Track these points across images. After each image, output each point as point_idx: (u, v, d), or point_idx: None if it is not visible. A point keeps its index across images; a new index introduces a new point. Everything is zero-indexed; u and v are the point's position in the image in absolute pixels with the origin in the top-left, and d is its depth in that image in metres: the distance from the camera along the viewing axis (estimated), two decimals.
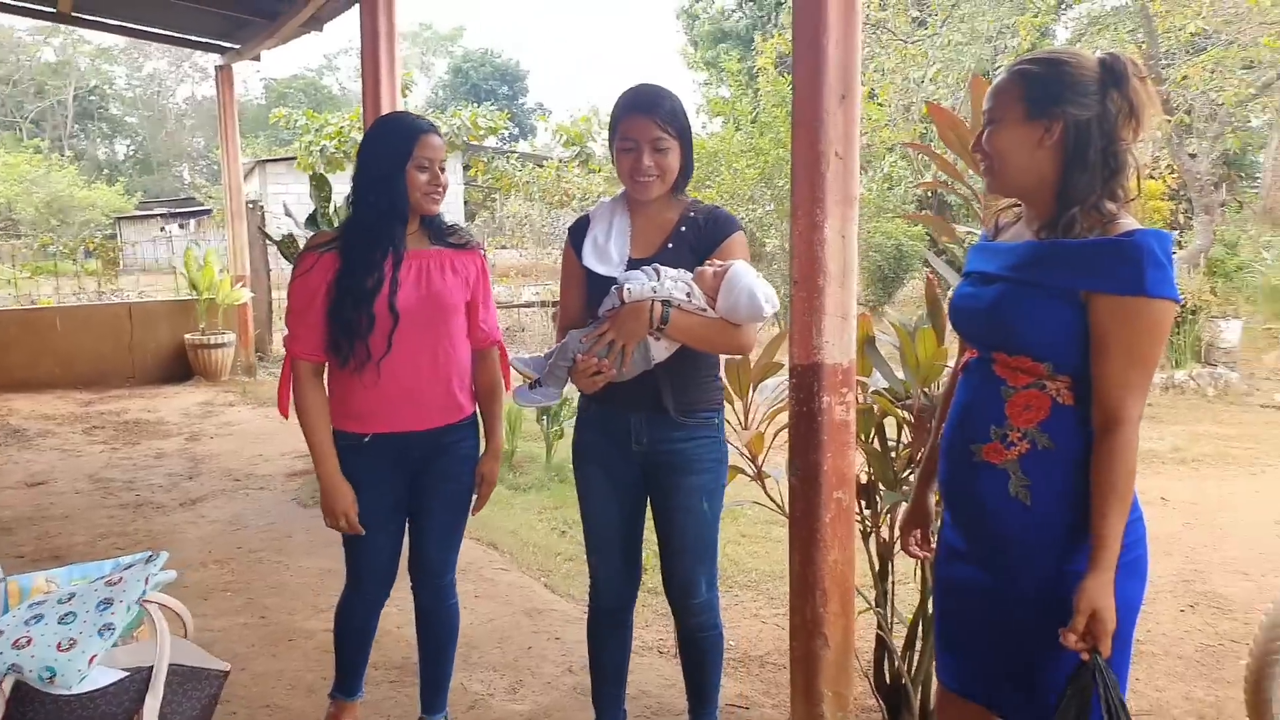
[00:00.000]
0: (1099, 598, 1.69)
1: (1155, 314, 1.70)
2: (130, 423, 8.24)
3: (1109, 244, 1.72)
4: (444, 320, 2.65)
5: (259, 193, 22.59)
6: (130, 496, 5.95)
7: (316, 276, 2.56)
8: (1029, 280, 1.80)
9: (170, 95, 50.34)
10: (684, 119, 2.49)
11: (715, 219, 2.55)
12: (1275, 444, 7.37)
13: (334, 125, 13.78)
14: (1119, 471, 1.71)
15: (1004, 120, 1.82)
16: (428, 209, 2.60)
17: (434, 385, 2.65)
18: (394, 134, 2.56)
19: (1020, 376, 1.81)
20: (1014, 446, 1.81)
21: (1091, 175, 1.77)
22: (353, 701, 2.95)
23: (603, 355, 2.37)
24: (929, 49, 13.75)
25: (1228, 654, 3.71)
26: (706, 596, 2.66)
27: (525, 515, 5.48)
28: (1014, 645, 1.87)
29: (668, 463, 2.56)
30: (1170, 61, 12.37)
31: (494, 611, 4.07)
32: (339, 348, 2.54)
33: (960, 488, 1.93)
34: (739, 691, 3.36)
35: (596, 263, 2.53)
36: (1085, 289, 1.73)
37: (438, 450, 2.71)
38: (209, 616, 3.99)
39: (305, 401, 2.61)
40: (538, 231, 15.04)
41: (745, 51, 20.00)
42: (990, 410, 1.85)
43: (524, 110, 43.94)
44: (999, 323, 1.83)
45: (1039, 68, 1.81)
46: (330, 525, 2.64)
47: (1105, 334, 1.72)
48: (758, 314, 2.38)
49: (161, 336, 10.34)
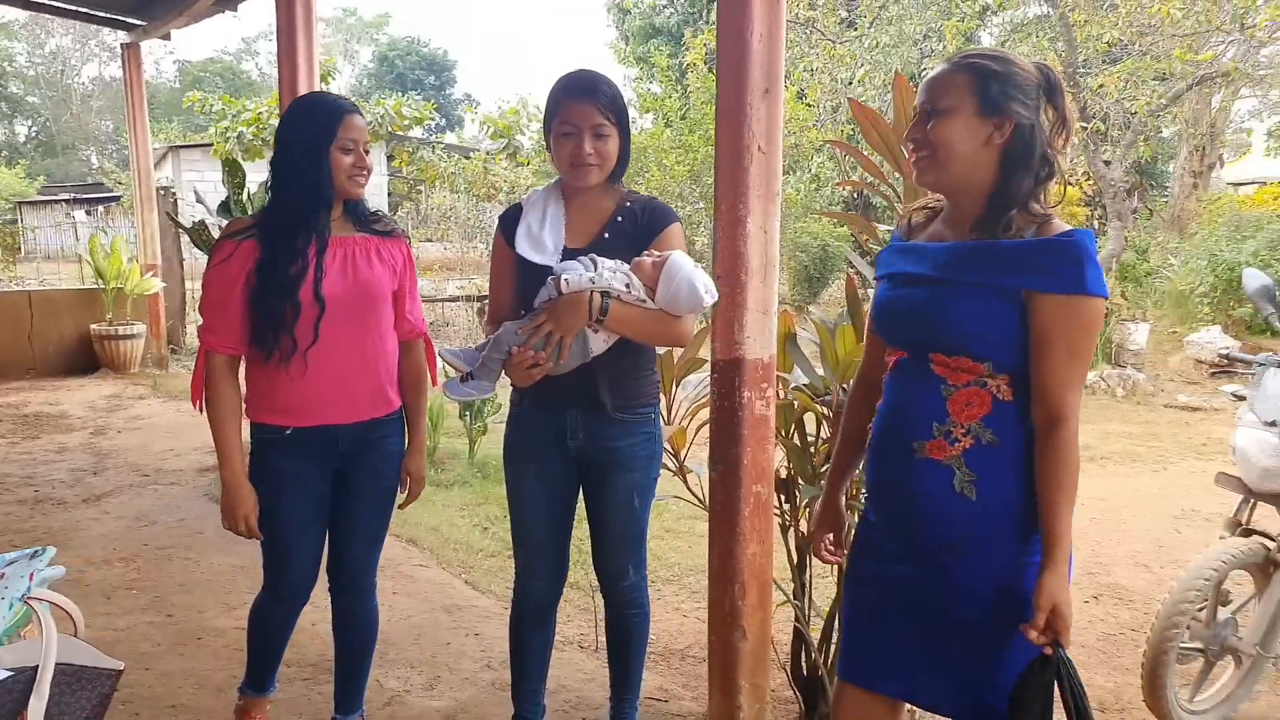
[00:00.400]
0: (1057, 592, 1.71)
1: (1093, 311, 1.74)
2: (30, 416, 7.94)
3: (1051, 244, 1.74)
4: (372, 309, 2.55)
5: (172, 179, 21.94)
6: (28, 492, 5.73)
7: (235, 265, 2.42)
8: (968, 281, 1.80)
9: (75, 74, 48.44)
10: (623, 105, 2.45)
11: (652, 209, 2.53)
12: (1178, 443, 7.66)
13: (252, 111, 13.44)
14: (1066, 466, 1.73)
15: (954, 112, 1.79)
16: (352, 192, 2.50)
17: (362, 377, 2.55)
18: (316, 114, 2.45)
19: (960, 375, 1.81)
20: (958, 442, 1.81)
21: (1031, 178, 1.79)
22: (264, 697, 2.85)
23: (539, 347, 2.32)
24: (857, 50, 13.92)
25: (1127, 643, 3.84)
26: (635, 579, 2.68)
27: (447, 512, 5.41)
28: (957, 639, 1.86)
29: (603, 460, 2.53)
30: (1088, 70, 12.72)
31: (412, 608, 4.02)
32: (263, 340, 2.42)
33: (896, 487, 1.92)
34: (659, 684, 3.37)
35: (531, 251, 2.47)
36: (1028, 288, 1.74)
37: (364, 446, 2.60)
38: (112, 615, 3.86)
39: (216, 396, 2.48)
40: (463, 224, 14.88)
41: (675, 47, 20.02)
42: (930, 408, 1.84)
43: (451, 101, 43.38)
44: (936, 324, 1.83)
45: (994, 64, 1.80)
46: (228, 528, 2.52)
47: (1048, 332, 1.73)
48: (698, 304, 2.36)
49: (65, 327, 9.97)
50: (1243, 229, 12.35)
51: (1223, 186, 18.28)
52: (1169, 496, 6.03)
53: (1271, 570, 3.14)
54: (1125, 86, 12.08)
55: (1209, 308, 11.40)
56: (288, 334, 2.41)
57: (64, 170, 42.23)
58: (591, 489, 2.61)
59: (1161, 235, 15.18)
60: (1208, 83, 13.04)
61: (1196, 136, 15.69)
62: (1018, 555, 1.81)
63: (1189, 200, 16.04)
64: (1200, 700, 3.18)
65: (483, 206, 15.17)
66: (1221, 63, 12.42)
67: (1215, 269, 11.38)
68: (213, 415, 2.50)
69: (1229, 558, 3.05)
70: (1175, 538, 5.21)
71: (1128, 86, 12.11)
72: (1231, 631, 3.15)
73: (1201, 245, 12.27)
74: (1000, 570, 1.81)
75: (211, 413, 2.50)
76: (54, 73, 47.08)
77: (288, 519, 2.55)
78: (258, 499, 2.52)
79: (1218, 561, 3.02)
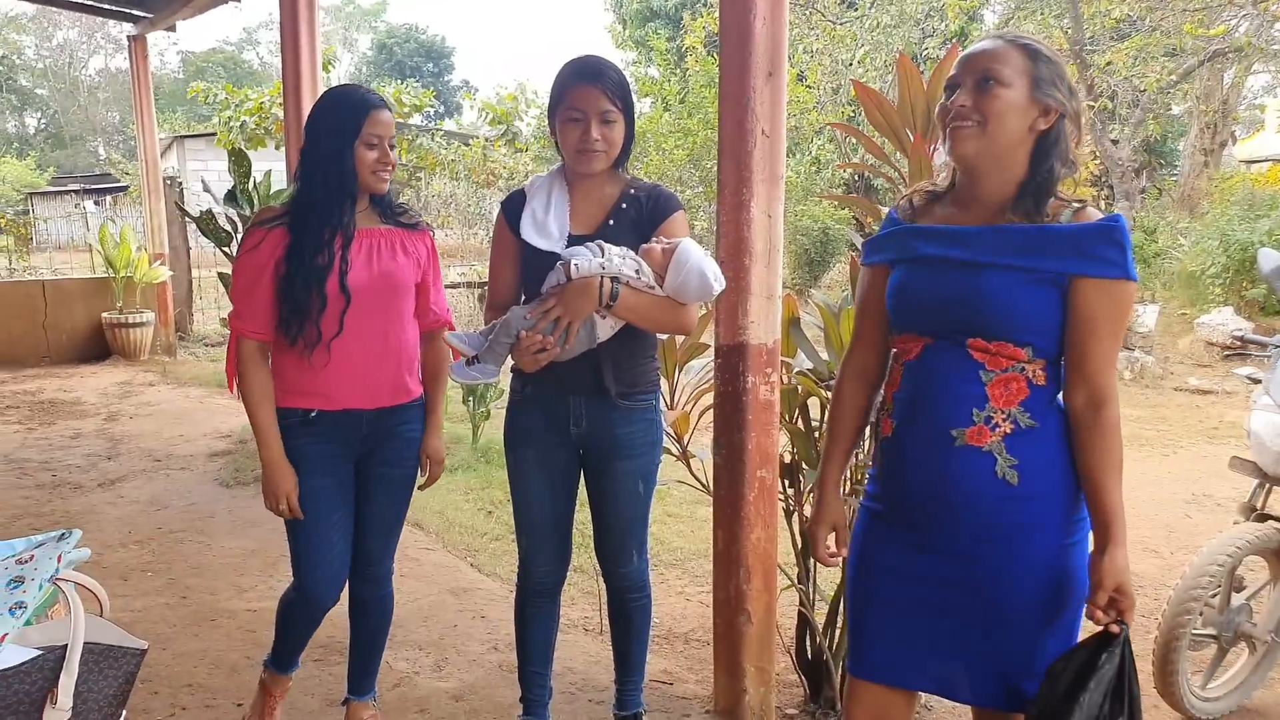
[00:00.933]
0: (1122, 571, 1.73)
1: (1132, 295, 1.77)
2: (46, 402, 7.99)
3: (1097, 229, 1.74)
4: (395, 300, 2.58)
5: (177, 169, 22.01)
6: (46, 477, 5.79)
7: (264, 253, 2.45)
8: (1016, 265, 1.76)
9: (82, 67, 48.45)
10: (628, 92, 2.45)
11: (657, 197, 2.51)
12: (1187, 426, 7.63)
13: (254, 100, 13.43)
14: (1114, 446, 1.75)
15: (1012, 86, 1.76)
16: (375, 188, 2.51)
17: (384, 366, 2.58)
18: (342, 109, 2.45)
19: (1000, 360, 1.79)
20: (998, 428, 1.78)
21: (1064, 167, 1.80)
22: (286, 676, 2.88)
23: (547, 332, 2.32)
24: (858, 31, 13.85)
25: (1138, 628, 3.81)
26: (637, 564, 2.69)
27: (451, 495, 5.44)
28: (996, 628, 1.83)
29: (605, 446, 2.53)
30: (1095, 47, 12.63)
31: (419, 591, 4.05)
32: (288, 328, 2.45)
33: (930, 477, 1.84)
34: (663, 667, 3.39)
35: (536, 237, 2.46)
36: (1074, 273, 1.73)
37: (384, 434, 2.62)
38: (129, 597, 3.91)
39: (249, 380, 2.51)
40: (463, 211, 14.86)
41: (674, 31, 19.93)
42: (970, 395, 1.80)
43: (449, 88, 43.24)
44: (979, 308, 1.78)
45: (1046, 51, 1.79)
46: (270, 508, 2.54)
47: (1094, 316, 1.73)
48: (707, 292, 2.36)
49: (77, 315, 10.03)
50: (1256, 207, 12.22)
51: (1234, 164, 18.13)
52: (1179, 481, 6.01)
53: None
54: (1134, 63, 12.00)
55: (1220, 289, 11.29)
56: (313, 324, 2.44)
57: (73, 161, 42.36)
58: (593, 475, 2.61)
59: (1171, 215, 15.08)
60: (1220, 58, 12.94)
61: (1208, 113, 15.57)
62: (1062, 538, 1.81)
63: (1199, 179, 15.93)
64: (1213, 687, 3.16)
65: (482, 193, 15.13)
66: (1234, 37, 12.31)
67: (1227, 249, 11.27)
68: (247, 399, 2.52)
69: (1244, 543, 3.02)
70: (1186, 523, 5.20)
71: (1137, 63, 12.03)
72: (1245, 618, 3.13)
73: (1213, 225, 12.14)
74: (1045, 555, 1.80)
75: (246, 397, 2.53)
76: (62, 65, 47.11)
77: (313, 501, 2.55)
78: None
79: (1232, 547, 3.00)
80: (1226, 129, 16.50)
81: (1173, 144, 18.29)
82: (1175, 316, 11.61)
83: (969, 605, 1.84)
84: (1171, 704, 3.04)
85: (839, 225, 14.68)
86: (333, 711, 3.01)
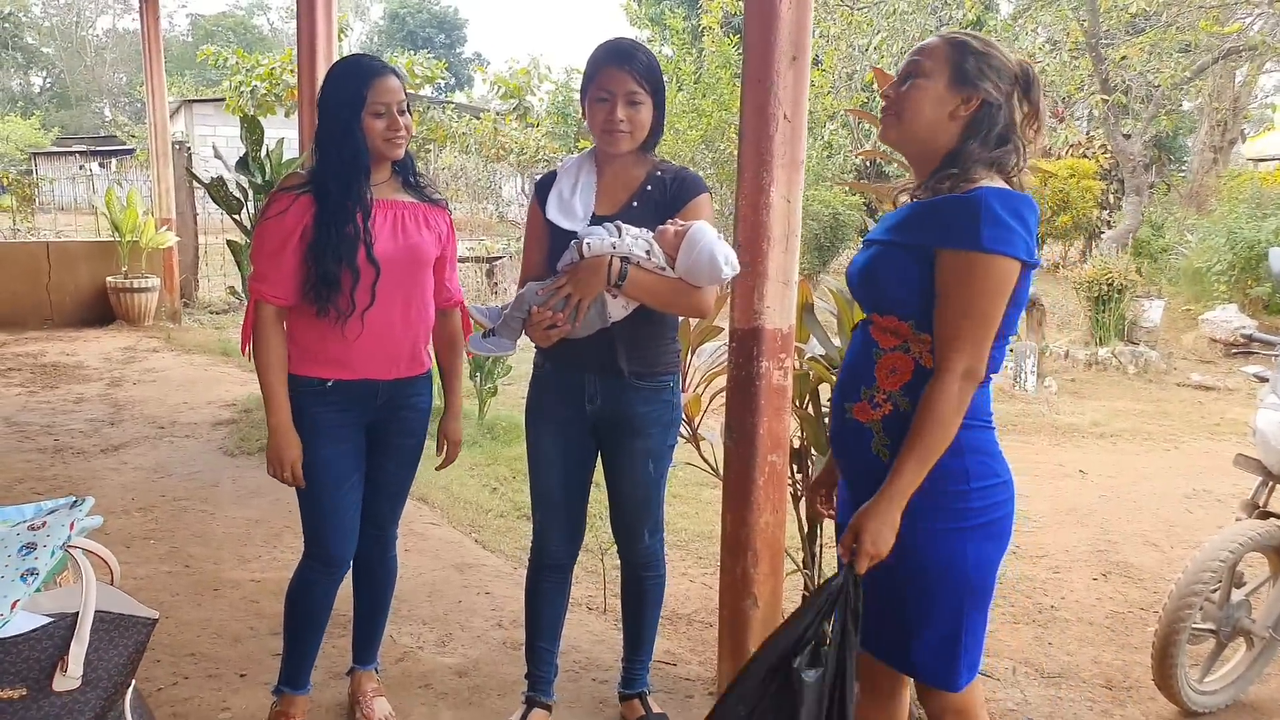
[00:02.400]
0: (867, 520, 1.79)
1: (987, 268, 1.75)
2: (48, 366, 7.99)
3: (954, 200, 1.80)
4: (418, 273, 2.59)
5: (185, 133, 21.93)
6: (49, 441, 5.79)
7: (291, 218, 2.45)
8: (895, 241, 1.89)
9: (90, 26, 48.21)
10: (659, 76, 2.45)
11: (682, 179, 2.52)
12: (1189, 421, 7.63)
13: (265, 66, 13.37)
14: (929, 415, 1.77)
15: (927, 77, 1.86)
16: (391, 154, 2.51)
17: (405, 336, 2.60)
18: (346, 81, 2.44)
19: (889, 338, 1.89)
20: (879, 408, 1.89)
21: (982, 149, 1.85)
22: (303, 695, 2.77)
23: (558, 308, 2.35)
24: (875, 16, 13.76)
25: (1136, 621, 3.85)
26: (649, 543, 2.72)
27: (457, 471, 5.42)
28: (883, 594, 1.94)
29: (619, 424, 2.55)
30: (1111, 41, 12.55)
31: (424, 565, 4.06)
32: (318, 297, 2.45)
33: (838, 442, 2.02)
34: (667, 649, 3.40)
35: (560, 217, 2.49)
36: (935, 245, 1.80)
37: (397, 403, 2.64)
38: (132, 564, 3.91)
39: (264, 345, 2.50)
40: (473, 185, 14.82)
41: (690, 9, 19.79)
42: (862, 371, 1.93)
43: (461, 60, 43.12)
44: (872, 282, 1.93)
45: (975, 43, 1.87)
46: (273, 474, 2.54)
47: (944, 285, 1.79)
48: (717, 276, 2.36)
49: (81, 278, 10.01)
50: (1264, 206, 12.20)
51: (1243, 162, 18.07)
52: (1180, 476, 6.02)
53: None
54: (1148, 58, 11.93)
55: (1226, 286, 11.29)
56: (348, 296, 2.44)
57: (78, 122, 42.16)
58: (608, 453, 2.63)
59: (1179, 211, 15.05)
60: (1233, 56, 12.88)
61: (1219, 111, 15.52)
62: (934, 523, 1.85)
63: (1208, 176, 15.89)
64: (1210, 681, 3.19)
65: (492, 167, 15.08)
66: (1248, 35, 12.25)
67: (1234, 246, 11.26)
68: (260, 363, 2.52)
69: (1245, 539, 3.04)
70: (1186, 518, 5.21)
71: (1151, 58, 11.96)
72: (1245, 614, 3.15)
73: (1220, 222, 12.13)
74: (919, 535, 1.85)
75: (259, 361, 2.52)
76: (69, 24, 46.86)
77: (328, 469, 2.56)
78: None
79: (1234, 543, 3.02)
80: (1236, 127, 16.46)
81: (1183, 140, 18.24)
82: (1180, 312, 11.61)
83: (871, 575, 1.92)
84: (1169, 696, 3.07)
85: (850, 211, 14.64)
86: (337, 683, 3.02)
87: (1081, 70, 12.95)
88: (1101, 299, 10.14)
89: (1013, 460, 1.96)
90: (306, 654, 2.75)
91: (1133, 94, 12.97)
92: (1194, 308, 11.60)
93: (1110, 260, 10.82)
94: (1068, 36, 12.90)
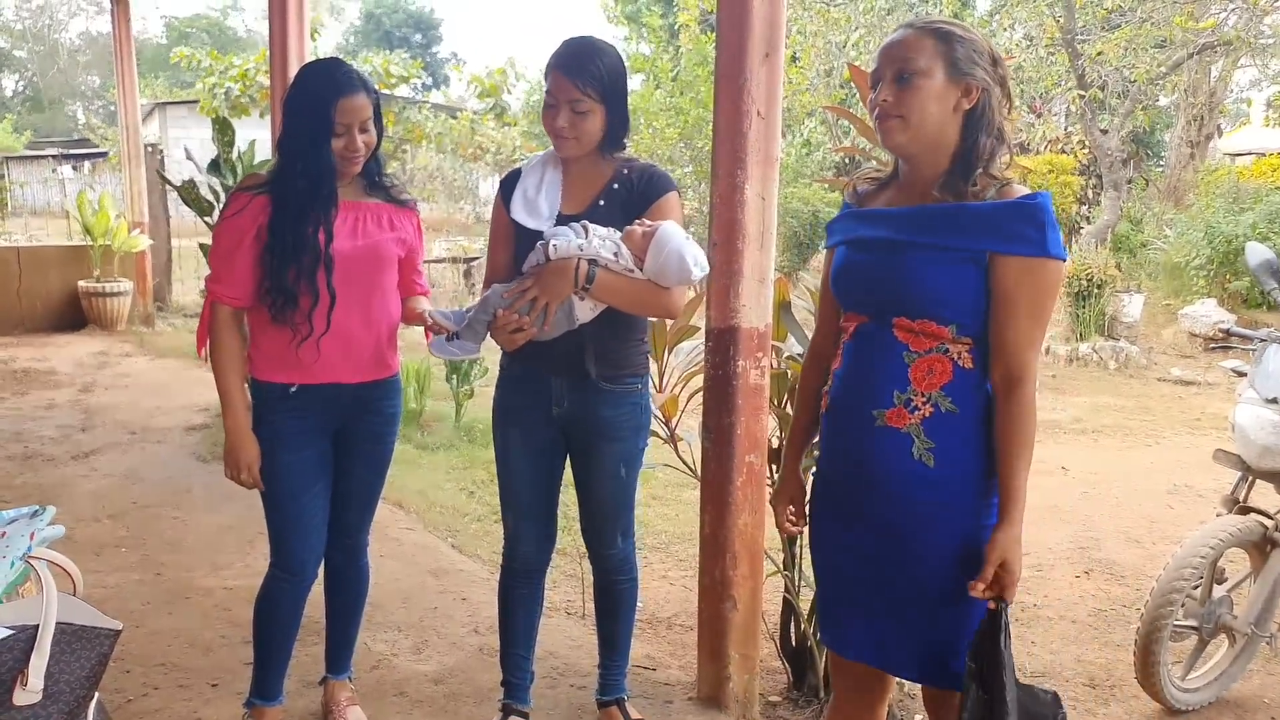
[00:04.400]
0: (1010, 547, 1.75)
1: (1055, 273, 1.78)
2: (18, 372, 7.88)
3: (1014, 206, 1.77)
4: (379, 273, 2.55)
5: (159, 136, 21.75)
6: (18, 448, 5.69)
7: (246, 218, 2.41)
8: (935, 244, 1.81)
9: (62, 29, 47.62)
10: (611, 79, 2.37)
11: (649, 177, 2.47)
12: (1170, 417, 7.65)
13: (239, 68, 13.24)
14: (1024, 426, 1.76)
15: (922, 74, 1.79)
16: (347, 171, 2.47)
17: (366, 339, 2.55)
18: (313, 96, 2.38)
19: (923, 341, 1.82)
20: (917, 411, 1.82)
21: (993, 141, 1.82)
22: (274, 705, 2.71)
23: (524, 312, 2.29)
24: (852, 13, 13.78)
25: (1119, 619, 3.84)
26: (622, 547, 2.67)
27: (433, 475, 5.39)
28: (919, 605, 1.88)
29: (588, 428, 2.51)
30: (1087, 37, 12.62)
31: (399, 571, 4.00)
32: (272, 298, 2.41)
33: (853, 454, 1.92)
34: (646, 652, 3.36)
35: (525, 216, 2.44)
36: (992, 250, 1.76)
37: (363, 407, 2.60)
38: (102, 573, 3.84)
39: (220, 347, 2.47)
40: (449, 185, 14.76)
41: (667, 7, 19.78)
42: (892, 375, 1.84)
43: (438, 60, 42.92)
44: (901, 286, 1.84)
45: (959, 31, 1.83)
46: (230, 477, 2.50)
47: (1011, 294, 1.76)
48: (686, 277, 2.31)
49: (53, 283, 9.87)
50: (1241, 201, 12.28)
51: (1220, 157, 18.20)
52: (1161, 471, 6.02)
53: (1268, 549, 3.13)
54: (1124, 54, 12.00)
55: (1204, 280, 11.35)
56: (296, 295, 2.40)
57: (50, 125, 41.74)
58: (578, 457, 2.59)
59: (1157, 206, 15.13)
60: (1208, 51, 12.96)
61: (1195, 106, 15.61)
62: (978, 519, 1.83)
63: (1185, 171, 15.99)
64: (1192, 678, 3.18)
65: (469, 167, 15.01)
66: (1223, 31, 12.33)
67: (1212, 241, 11.32)
68: (217, 365, 2.48)
69: (1226, 535, 3.03)
70: (1168, 513, 5.20)
71: (1127, 54, 12.03)
72: (1226, 610, 3.14)
73: (1198, 217, 12.20)
74: (961, 535, 1.83)
75: (215, 363, 2.49)
76: (41, 26, 46.28)
77: (291, 476, 2.52)
78: (262, 456, 2.49)
79: (1215, 539, 3.01)
80: (1213, 122, 16.57)
81: (1160, 135, 18.34)
82: (1159, 307, 11.67)
83: (890, 579, 1.90)
84: (1151, 694, 3.06)
85: (829, 208, 14.63)
86: (310, 692, 2.96)
87: (1058, 66, 13.00)
88: (1081, 294, 10.18)
89: None
90: (277, 665, 2.70)
91: (1109, 89, 13.03)
92: (1173, 302, 11.65)
93: (1089, 255, 10.86)
94: (1044, 32, 12.94)
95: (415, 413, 6.17)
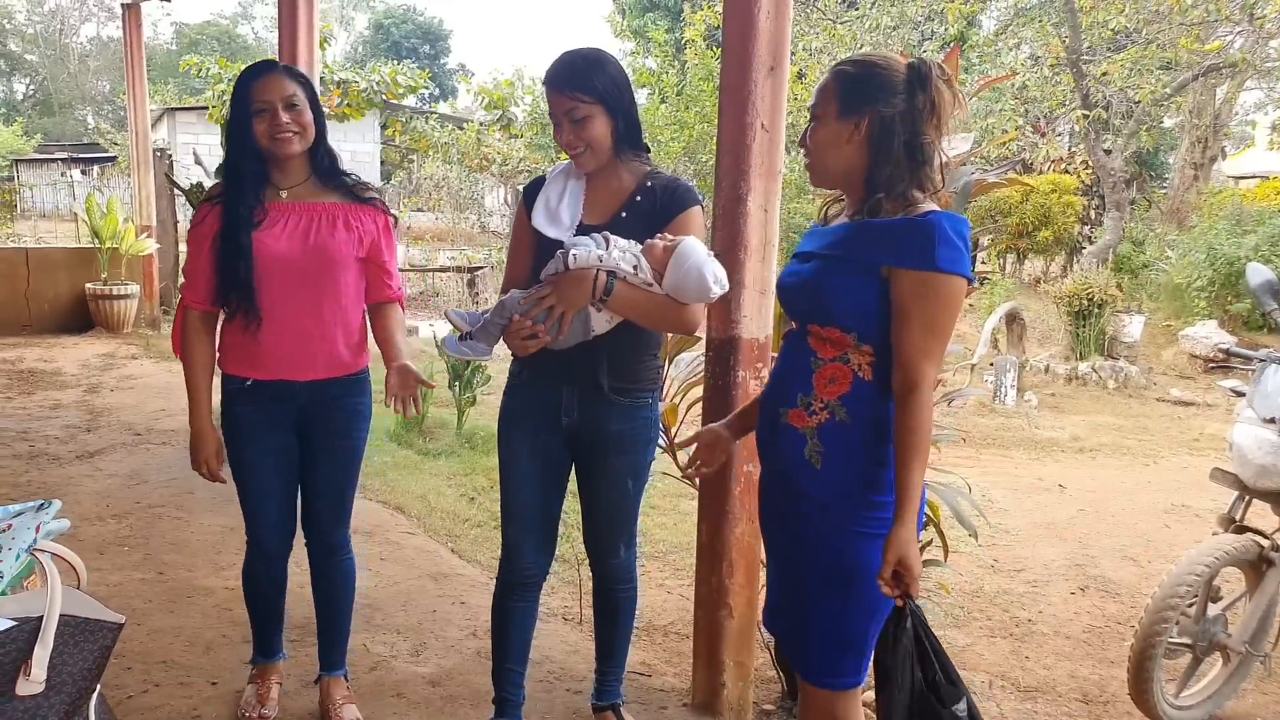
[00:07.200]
0: (904, 546, 1.82)
1: (948, 288, 1.85)
2: (25, 372, 7.92)
3: (907, 223, 1.88)
4: (328, 274, 2.60)
5: (168, 141, 21.80)
6: (24, 447, 5.73)
7: (206, 227, 2.58)
8: (840, 256, 1.96)
9: (74, 34, 47.79)
10: (602, 79, 2.33)
11: (673, 191, 2.42)
12: (1169, 437, 7.67)
13: None
14: (917, 430, 1.84)
15: (822, 117, 1.96)
16: (282, 151, 2.52)
17: (316, 339, 2.62)
18: (236, 89, 2.55)
19: (829, 349, 1.95)
20: (815, 415, 1.95)
21: (896, 166, 1.91)
22: (274, 663, 2.96)
23: (540, 320, 2.26)
24: (858, 31, 13.84)
25: (1114, 636, 3.86)
26: (624, 557, 2.67)
27: (434, 480, 5.42)
28: (794, 595, 2.04)
29: (597, 440, 2.48)
30: (1092, 57, 12.67)
31: (399, 574, 4.03)
32: (225, 297, 2.57)
33: (768, 444, 2.08)
34: (641, 659, 3.38)
35: (546, 225, 2.42)
36: (886, 264, 1.87)
37: (323, 404, 2.68)
38: (105, 571, 3.88)
39: (187, 348, 2.67)
40: (455, 195, 14.79)
41: (673, 22, 19.85)
42: (800, 379, 1.98)
43: (445, 70, 43.04)
44: (815, 295, 1.97)
45: (852, 68, 1.96)
46: (195, 469, 2.72)
47: (905, 305, 1.86)
48: (705, 294, 2.27)
49: (60, 285, 9.95)
50: (1243, 223, 12.30)
51: (1223, 179, 18.23)
52: (1159, 491, 6.04)
53: (1264, 568, 3.14)
54: (1129, 74, 12.04)
55: (1205, 302, 11.37)
56: (238, 293, 2.55)
57: (60, 129, 41.88)
58: (584, 467, 2.57)
59: (1159, 227, 15.15)
60: (1214, 73, 13.01)
61: (1199, 128, 15.64)
62: (852, 525, 1.93)
63: (1188, 192, 16.01)
64: (1186, 696, 3.19)
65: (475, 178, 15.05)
66: (1229, 53, 12.37)
67: (1214, 263, 11.35)
68: (185, 365, 2.69)
69: (1222, 554, 3.04)
70: (1164, 532, 5.22)
71: (1132, 75, 12.07)
72: (1221, 628, 3.16)
73: (1201, 238, 12.22)
74: (835, 536, 1.94)
75: (184, 362, 2.69)
76: (52, 31, 46.52)
77: (251, 467, 2.70)
78: (227, 447, 2.71)
79: (1210, 557, 3.02)
80: (1217, 144, 16.59)
81: (1164, 157, 18.39)
82: (1160, 328, 11.68)
83: (782, 567, 2.09)
84: (1145, 711, 3.06)
85: None
86: (308, 691, 2.99)
87: (1063, 86, 13.06)
88: (1082, 314, 10.20)
89: (992, 474, 1.99)
90: (270, 626, 2.93)
91: (1114, 110, 13.08)
92: (1174, 323, 11.67)
93: (1091, 275, 10.89)
94: (1049, 52, 13.01)
95: (416, 420, 6.19)
